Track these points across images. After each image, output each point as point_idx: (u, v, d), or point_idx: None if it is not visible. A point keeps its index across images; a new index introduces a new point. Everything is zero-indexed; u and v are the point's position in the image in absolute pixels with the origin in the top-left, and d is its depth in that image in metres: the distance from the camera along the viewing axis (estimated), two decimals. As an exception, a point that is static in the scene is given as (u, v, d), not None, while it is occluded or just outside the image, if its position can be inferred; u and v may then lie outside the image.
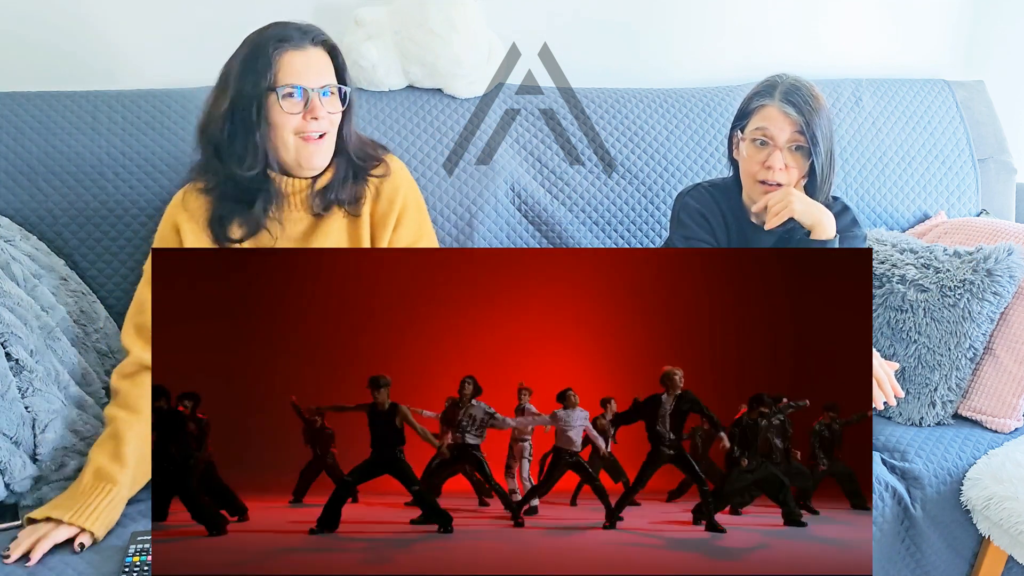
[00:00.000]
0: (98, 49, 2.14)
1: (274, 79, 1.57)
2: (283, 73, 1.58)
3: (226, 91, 1.60)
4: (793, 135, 1.69)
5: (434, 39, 2.11)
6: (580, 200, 2.21)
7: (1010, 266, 1.90)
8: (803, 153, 1.70)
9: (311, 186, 1.68)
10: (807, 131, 1.67)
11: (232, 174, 1.62)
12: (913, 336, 1.96)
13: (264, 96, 1.58)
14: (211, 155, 1.64)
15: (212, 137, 1.63)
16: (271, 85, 1.57)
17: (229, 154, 1.62)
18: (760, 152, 1.72)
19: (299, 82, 1.58)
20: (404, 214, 1.74)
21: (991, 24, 2.67)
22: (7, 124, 1.95)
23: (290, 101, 1.58)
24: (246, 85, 1.58)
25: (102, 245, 1.95)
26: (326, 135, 1.64)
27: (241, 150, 1.60)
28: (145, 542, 1.43)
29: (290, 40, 1.59)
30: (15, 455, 1.52)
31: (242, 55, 1.60)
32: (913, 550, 1.80)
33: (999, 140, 2.50)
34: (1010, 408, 1.90)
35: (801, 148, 1.70)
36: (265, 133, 1.60)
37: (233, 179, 1.63)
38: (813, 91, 1.71)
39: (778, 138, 1.70)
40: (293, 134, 1.61)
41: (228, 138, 1.61)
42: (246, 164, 1.61)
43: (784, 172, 1.70)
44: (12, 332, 1.58)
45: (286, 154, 1.63)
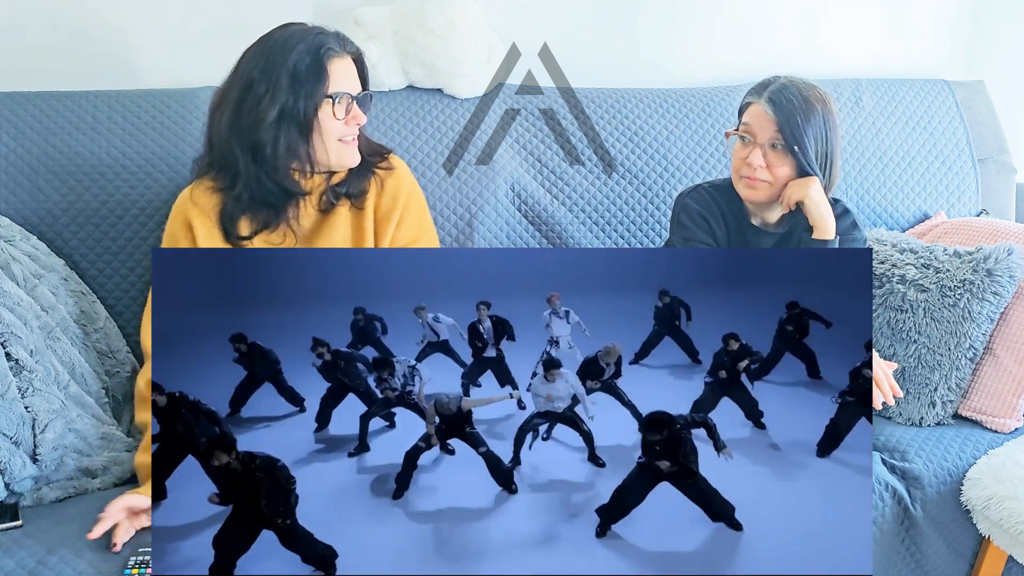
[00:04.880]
0: (98, 49, 2.14)
1: (328, 86, 1.60)
2: (334, 80, 1.61)
3: (275, 97, 1.57)
4: (774, 134, 1.70)
5: (434, 39, 2.11)
6: (580, 200, 2.21)
7: (1010, 266, 1.90)
8: (783, 151, 1.71)
9: (326, 182, 1.71)
10: (785, 129, 1.68)
11: (264, 177, 1.62)
12: (913, 336, 1.96)
13: (320, 103, 1.60)
14: (247, 158, 1.61)
15: (254, 141, 1.60)
16: (328, 92, 1.60)
17: (272, 158, 1.60)
18: (743, 149, 1.75)
19: (347, 89, 1.63)
20: (407, 211, 1.76)
21: (991, 24, 2.67)
22: (7, 124, 1.95)
23: (340, 107, 1.62)
24: (302, 90, 1.58)
25: (102, 245, 1.95)
26: (356, 137, 1.68)
27: (290, 155, 1.61)
28: (145, 554, 1.43)
29: (333, 48, 1.62)
30: (15, 455, 1.52)
31: (286, 61, 1.58)
32: (913, 550, 1.80)
33: (999, 140, 2.50)
34: (1010, 408, 1.90)
35: (781, 146, 1.70)
36: (314, 138, 1.62)
37: (260, 181, 1.63)
38: (807, 92, 1.71)
39: (758, 136, 1.71)
40: (335, 138, 1.64)
41: (273, 143, 1.59)
42: (301, 169, 1.64)
43: (765, 170, 1.71)
44: (12, 332, 1.58)
45: (326, 157, 1.65)
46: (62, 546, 1.45)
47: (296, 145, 1.61)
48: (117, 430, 1.74)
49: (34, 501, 1.58)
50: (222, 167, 1.66)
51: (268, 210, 1.67)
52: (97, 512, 1.50)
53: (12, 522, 1.51)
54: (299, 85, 1.58)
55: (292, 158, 1.62)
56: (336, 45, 1.62)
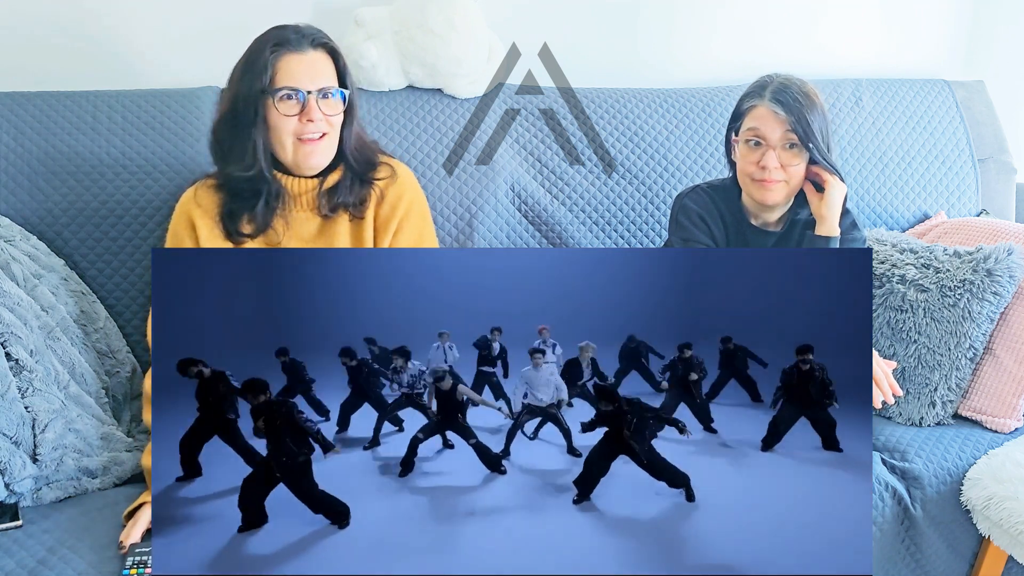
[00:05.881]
0: (99, 49, 2.14)
1: (271, 81, 1.59)
2: (280, 76, 1.60)
3: (228, 92, 1.64)
4: (785, 133, 1.69)
5: (434, 39, 2.11)
6: (580, 200, 2.21)
7: (1010, 266, 1.90)
8: (798, 150, 1.70)
9: (319, 187, 1.70)
10: (797, 128, 1.67)
11: (232, 173, 1.65)
12: (913, 336, 1.96)
13: (260, 98, 1.60)
14: (217, 154, 1.68)
15: (216, 136, 1.67)
16: (266, 87, 1.59)
17: (229, 153, 1.65)
18: (754, 152, 1.73)
19: (296, 85, 1.60)
20: (406, 220, 1.76)
21: (991, 24, 2.67)
22: (7, 124, 1.95)
23: (287, 103, 1.60)
24: (243, 87, 1.60)
25: (102, 245, 1.95)
26: (326, 136, 1.65)
27: (240, 150, 1.63)
28: (144, 554, 1.43)
29: (288, 43, 1.61)
30: (15, 455, 1.52)
31: (243, 58, 1.64)
32: (913, 550, 1.80)
33: (999, 140, 2.50)
34: (1010, 408, 1.90)
35: (795, 145, 1.70)
36: (263, 134, 1.62)
37: (234, 178, 1.66)
38: (804, 88, 1.71)
39: (770, 138, 1.70)
40: (291, 136, 1.62)
41: (228, 138, 1.64)
42: (244, 164, 1.64)
43: (780, 170, 1.71)
44: (12, 332, 1.58)
45: (284, 155, 1.65)
46: (62, 546, 1.45)
47: (243, 138, 1.62)
48: (117, 430, 1.74)
49: (34, 501, 1.58)
50: (215, 162, 1.71)
51: (248, 204, 1.67)
52: (97, 512, 1.51)
53: (12, 522, 1.51)
54: (243, 79, 1.61)
55: (244, 152, 1.63)
56: (296, 40, 1.61)
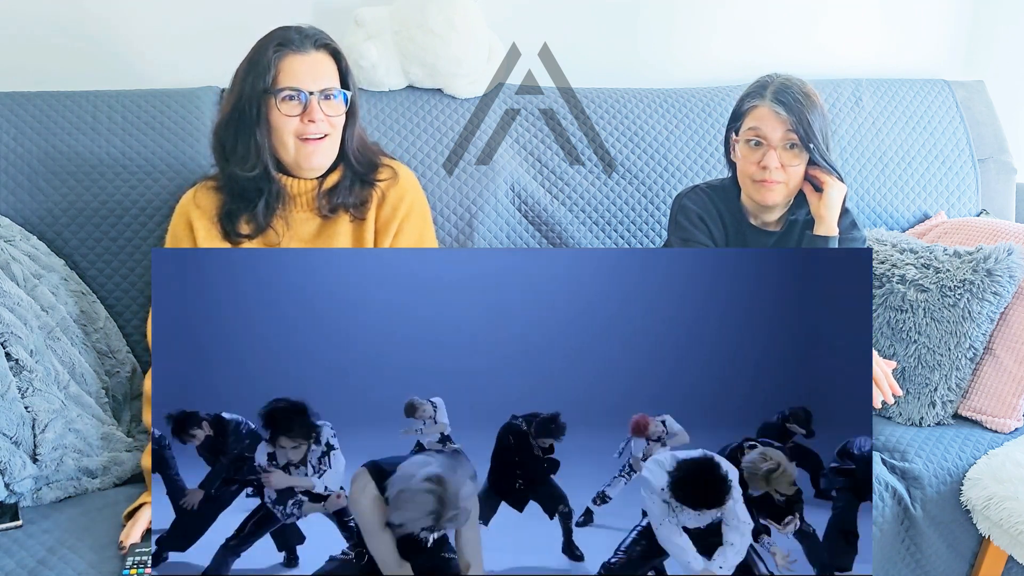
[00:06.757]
0: (99, 49, 2.14)
1: (273, 82, 1.60)
2: (282, 76, 1.60)
3: (232, 93, 1.65)
4: (786, 134, 1.69)
5: (434, 39, 2.11)
6: (580, 200, 2.21)
7: (1010, 266, 1.90)
8: (798, 150, 1.70)
9: (318, 187, 1.70)
10: (798, 128, 1.67)
11: (234, 173, 1.65)
12: (913, 336, 1.96)
13: (263, 98, 1.60)
14: (219, 154, 1.69)
15: (219, 136, 1.67)
16: (269, 87, 1.60)
17: (232, 153, 1.65)
18: (755, 153, 1.73)
19: (298, 85, 1.61)
20: (406, 221, 1.76)
21: (991, 24, 2.66)
22: (7, 124, 1.95)
23: (288, 104, 1.61)
24: (247, 87, 1.61)
25: (102, 245, 1.94)
26: (328, 136, 1.66)
27: (243, 150, 1.64)
28: (144, 554, 1.43)
29: (290, 44, 1.61)
30: (15, 455, 1.52)
31: (247, 58, 1.64)
32: (913, 550, 1.80)
33: (999, 140, 2.50)
34: (1010, 408, 1.90)
35: (796, 145, 1.70)
36: (265, 134, 1.63)
37: (236, 178, 1.66)
38: (805, 88, 1.71)
39: (771, 138, 1.70)
40: (293, 136, 1.63)
41: (231, 138, 1.65)
42: (248, 164, 1.64)
43: (781, 171, 1.71)
44: (12, 332, 1.58)
45: (286, 155, 1.66)
46: (62, 546, 1.45)
47: (246, 138, 1.62)
48: (117, 430, 1.74)
49: (34, 501, 1.57)
50: (216, 163, 1.71)
51: (251, 205, 1.68)
52: (97, 512, 1.51)
53: (12, 522, 1.50)
54: (245, 79, 1.62)
55: (247, 152, 1.63)
56: (299, 40, 1.62)
